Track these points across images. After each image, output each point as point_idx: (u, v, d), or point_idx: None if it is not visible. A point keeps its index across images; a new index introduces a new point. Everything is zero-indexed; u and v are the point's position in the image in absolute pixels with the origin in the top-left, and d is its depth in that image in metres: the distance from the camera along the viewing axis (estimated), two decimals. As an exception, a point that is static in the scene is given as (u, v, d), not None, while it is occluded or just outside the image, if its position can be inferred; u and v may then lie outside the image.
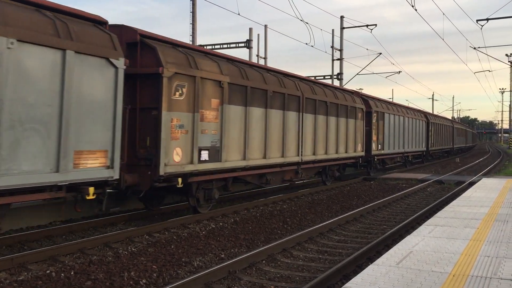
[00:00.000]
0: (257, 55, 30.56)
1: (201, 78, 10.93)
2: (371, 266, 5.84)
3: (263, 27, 30.19)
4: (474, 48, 31.80)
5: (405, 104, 35.86)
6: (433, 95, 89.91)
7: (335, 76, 32.51)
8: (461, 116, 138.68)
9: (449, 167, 33.01)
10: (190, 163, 10.65)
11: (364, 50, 39.92)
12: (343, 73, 32.49)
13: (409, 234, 7.87)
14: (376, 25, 30.82)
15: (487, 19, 26.15)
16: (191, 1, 21.69)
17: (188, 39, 21.81)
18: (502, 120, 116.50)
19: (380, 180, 22.26)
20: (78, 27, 8.35)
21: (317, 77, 31.67)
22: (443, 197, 15.91)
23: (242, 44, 26.82)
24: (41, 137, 7.60)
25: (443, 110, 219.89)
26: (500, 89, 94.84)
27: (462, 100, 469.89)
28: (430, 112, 45.20)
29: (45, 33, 7.63)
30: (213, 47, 26.97)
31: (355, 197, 16.54)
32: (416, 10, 23.62)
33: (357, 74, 34.99)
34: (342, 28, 32.24)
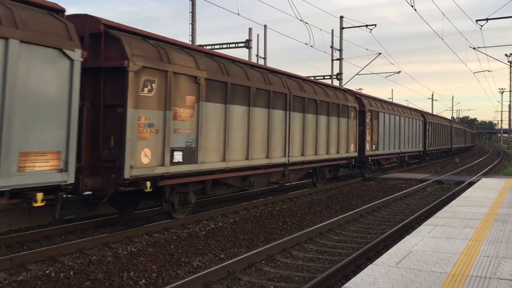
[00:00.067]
0: (257, 55, 30.57)
1: (174, 73, 10.14)
2: (371, 266, 5.84)
3: (263, 27, 30.23)
4: (474, 48, 31.82)
5: (405, 104, 35.75)
6: (433, 95, 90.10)
7: (335, 76, 32.54)
8: (461, 116, 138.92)
9: (449, 167, 33.02)
10: (161, 165, 9.89)
11: (364, 50, 39.94)
12: (343, 73, 32.52)
13: (409, 234, 7.88)
14: (376, 25, 30.81)
15: (487, 19, 26.17)
16: (191, 1, 21.69)
17: (188, 39, 21.83)
18: (502, 120, 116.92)
19: (380, 180, 22.27)
20: (27, 14, 7.51)
21: (317, 77, 31.68)
22: (443, 197, 15.92)
23: (242, 44, 26.82)
24: None
25: (443, 110, 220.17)
26: (500, 89, 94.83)
27: (462, 100, 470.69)
28: (428, 111, 44.81)
29: None
30: (213, 47, 26.97)
31: (355, 197, 16.55)
32: (416, 10, 23.63)
33: (357, 74, 35.00)
34: (342, 28, 32.26)
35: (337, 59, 32.67)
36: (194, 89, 10.83)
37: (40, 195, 7.56)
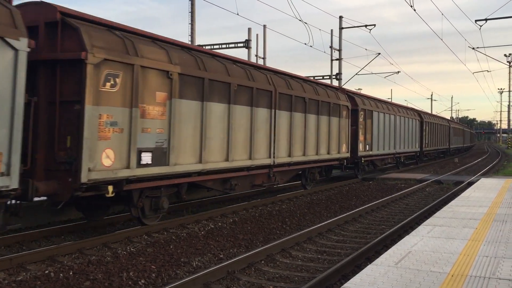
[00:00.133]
0: (256, 55, 30.55)
1: (142, 67, 9.30)
2: (370, 266, 5.85)
3: (262, 27, 30.23)
4: (473, 48, 31.82)
5: (403, 104, 35.68)
6: (432, 95, 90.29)
7: (334, 76, 32.57)
8: (460, 116, 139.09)
9: (448, 167, 33.04)
10: (126, 168, 9.02)
11: (363, 50, 39.96)
12: (342, 73, 32.56)
13: (408, 234, 7.89)
14: (375, 25, 30.77)
15: (486, 20, 26.18)
16: (190, 1, 21.69)
17: (187, 39, 21.83)
18: (501, 120, 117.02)
19: (379, 180, 22.28)
20: None
21: (316, 77, 31.70)
22: (442, 197, 15.93)
23: (241, 44, 26.83)
24: None
25: (442, 110, 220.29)
26: (499, 89, 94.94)
27: (461, 100, 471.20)
28: (425, 111, 44.41)
29: None
30: (212, 47, 26.98)
31: (354, 197, 16.55)
32: (415, 11, 23.63)
33: (356, 74, 34.98)
34: (341, 28, 32.27)
35: (337, 59, 32.70)
36: (166, 85, 9.98)
37: None
